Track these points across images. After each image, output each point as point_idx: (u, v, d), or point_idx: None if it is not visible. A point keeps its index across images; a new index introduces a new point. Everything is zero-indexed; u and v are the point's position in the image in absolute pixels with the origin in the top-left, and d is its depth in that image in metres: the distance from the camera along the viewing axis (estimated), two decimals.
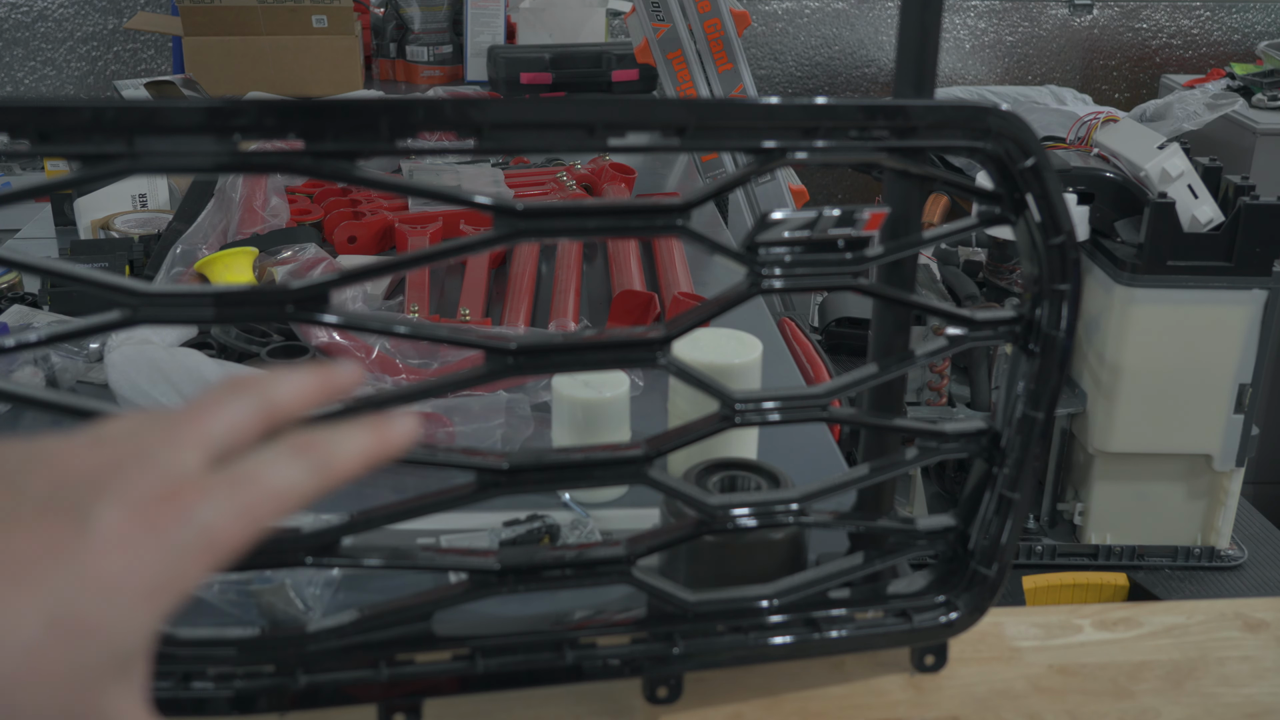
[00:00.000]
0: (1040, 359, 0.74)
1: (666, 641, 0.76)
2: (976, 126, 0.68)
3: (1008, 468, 0.77)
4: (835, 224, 0.68)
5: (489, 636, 0.74)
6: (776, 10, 3.60)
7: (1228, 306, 1.86)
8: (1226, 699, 0.79)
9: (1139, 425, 1.92)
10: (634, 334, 0.69)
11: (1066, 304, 0.72)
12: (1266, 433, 2.23)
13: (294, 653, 0.70)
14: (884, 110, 0.66)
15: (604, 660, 0.75)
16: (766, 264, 0.68)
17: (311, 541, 0.67)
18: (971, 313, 0.75)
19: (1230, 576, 2.02)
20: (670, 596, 0.75)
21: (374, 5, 2.80)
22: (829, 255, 0.69)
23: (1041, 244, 0.71)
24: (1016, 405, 0.76)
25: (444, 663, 0.73)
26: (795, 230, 0.68)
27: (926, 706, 0.78)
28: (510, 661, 0.73)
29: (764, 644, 0.77)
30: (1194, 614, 0.87)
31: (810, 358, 1.69)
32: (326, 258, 1.42)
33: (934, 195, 2.71)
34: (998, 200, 0.72)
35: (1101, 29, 3.69)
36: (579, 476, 0.70)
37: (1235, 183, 1.87)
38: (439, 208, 1.70)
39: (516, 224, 0.64)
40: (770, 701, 0.78)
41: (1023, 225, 0.71)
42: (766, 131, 0.66)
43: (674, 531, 0.75)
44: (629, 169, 1.87)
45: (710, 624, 0.76)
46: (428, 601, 0.72)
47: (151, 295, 0.59)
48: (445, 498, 0.68)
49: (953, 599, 0.80)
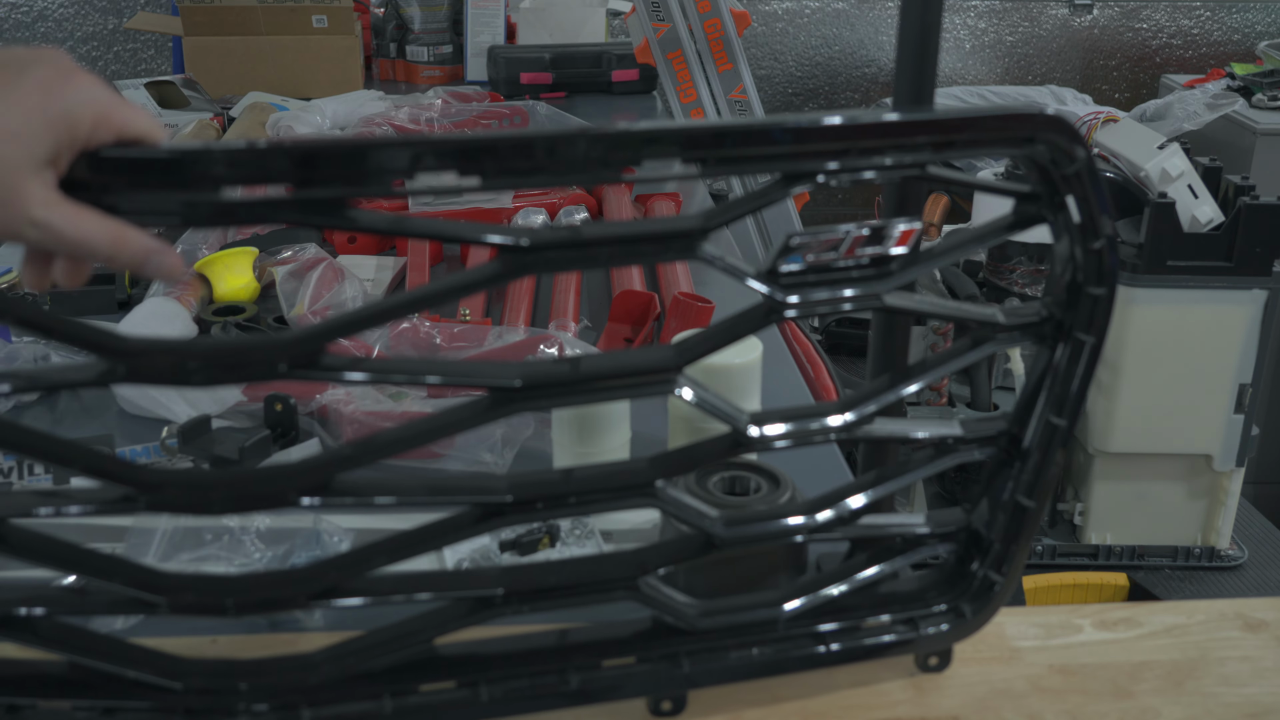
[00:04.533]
0: (1067, 363, 0.72)
1: (672, 660, 0.75)
2: (1021, 132, 0.65)
3: (1026, 473, 0.75)
4: (864, 243, 0.66)
5: (490, 659, 0.73)
6: (776, 10, 3.60)
7: (1228, 306, 1.86)
8: (1226, 699, 0.79)
9: (1139, 425, 1.92)
10: (644, 360, 0.68)
11: (1099, 309, 0.70)
12: (1266, 433, 2.22)
13: (295, 683, 0.70)
14: (926, 125, 0.64)
15: (610, 682, 0.74)
16: (788, 289, 0.66)
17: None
18: (998, 315, 0.73)
19: (1230, 576, 2.02)
20: (678, 612, 0.74)
21: (374, 5, 2.80)
22: (854, 274, 0.67)
23: (1080, 247, 0.69)
24: (1038, 410, 0.74)
25: (448, 692, 0.72)
26: (820, 254, 0.65)
27: (926, 706, 0.78)
28: (514, 689, 0.72)
29: (771, 659, 0.76)
30: (1194, 614, 0.87)
31: (810, 358, 1.69)
32: (327, 258, 1.42)
33: (934, 195, 2.71)
34: (1036, 201, 0.69)
35: (1102, 29, 3.69)
36: (585, 503, 0.69)
37: (1235, 183, 1.87)
38: (439, 208, 1.69)
39: (523, 259, 0.62)
40: (770, 702, 0.78)
41: (1060, 227, 0.69)
42: (797, 158, 0.63)
43: (681, 548, 0.74)
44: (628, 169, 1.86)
45: (716, 639, 0.75)
46: (429, 626, 0.71)
47: (138, 350, 0.59)
48: (448, 527, 0.68)
49: (959, 605, 0.79)
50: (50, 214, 0.58)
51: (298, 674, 0.70)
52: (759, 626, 0.76)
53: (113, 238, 0.60)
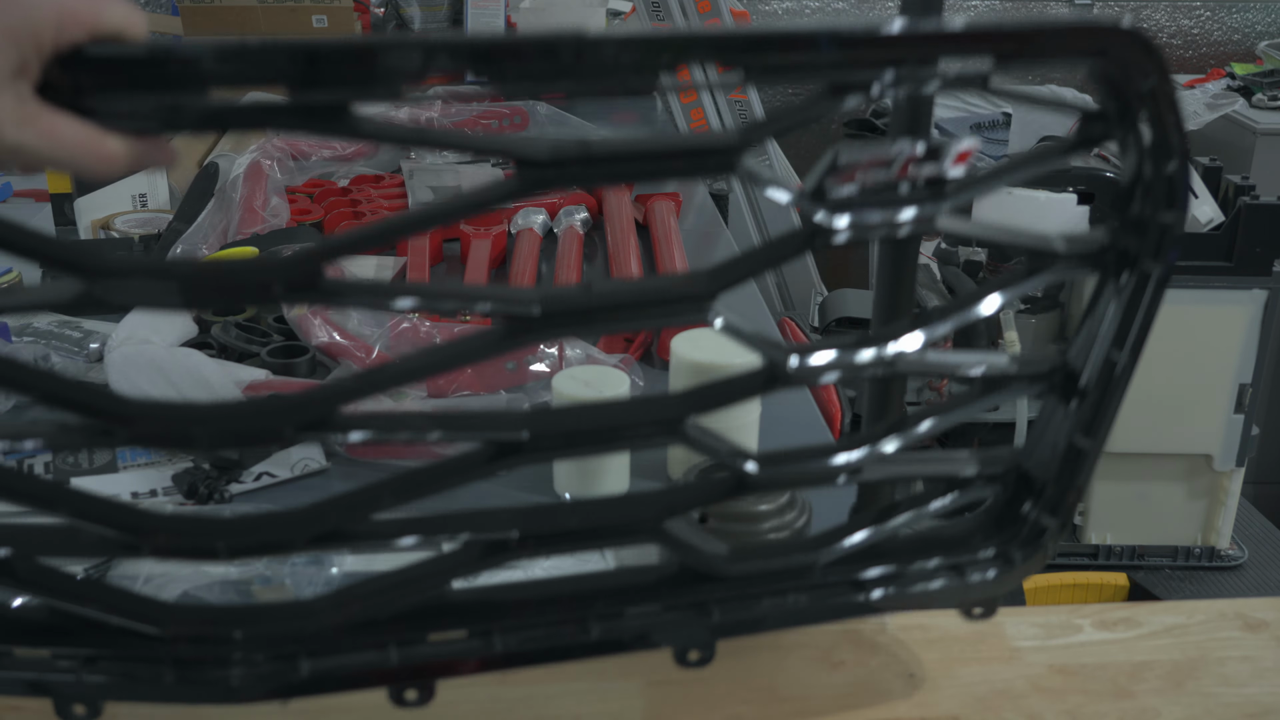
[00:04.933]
0: (1131, 294, 0.67)
1: (700, 609, 0.70)
2: (1093, 45, 0.61)
3: (1084, 411, 0.70)
4: (918, 162, 0.60)
5: (505, 607, 0.68)
6: (777, 10, 3.59)
7: (1228, 306, 1.86)
8: (1227, 699, 0.79)
9: (1139, 425, 1.92)
10: (674, 288, 0.62)
11: (1168, 238, 0.65)
12: (1266, 433, 2.23)
13: (294, 631, 0.65)
14: (992, 35, 0.60)
15: (633, 631, 0.69)
16: (835, 211, 0.61)
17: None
18: (1058, 243, 0.67)
19: (1230, 576, 2.02)
20: (707, 557, 0.69)
21: (374, 5, 2.80)
22: (903, 195, 0.61)
23: (1150, 170, 0.64)
24: (1097, 343, 0.69)
25: (459, 642, 0.67)
26: (870, 171, 0.60)
27: (926, 706, 0.78)
28: (530, 638, 0.68)
29: (806, 607, 0.72)
30: (1194, 614, 0.87)
31: None
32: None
33: None
34: (1103, 120, 0.64)
35: None
36: (607, 440, 0.64)
37: (1235, 183, 1.87)
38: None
39: (543, 174, 0.56)
40: (770, 701, 0.78)
41: (1129, 147, 0.64)
42: (848, 66, 0.58)
43: (712, 489, 0.70)
44: None
45: (748, 585, 0.71)
46: (439, 571, 0.66)
47: (111, 269, 0.54)
48: (459, 465, 0.63)
49: (1008, 550, 0.74)
50: (23, 135, 0.55)
51: (296, 621, 0.65)
52: (794, 573, 0.71)
53: (92, 151, 0.56)
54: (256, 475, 1.06)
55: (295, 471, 1.07)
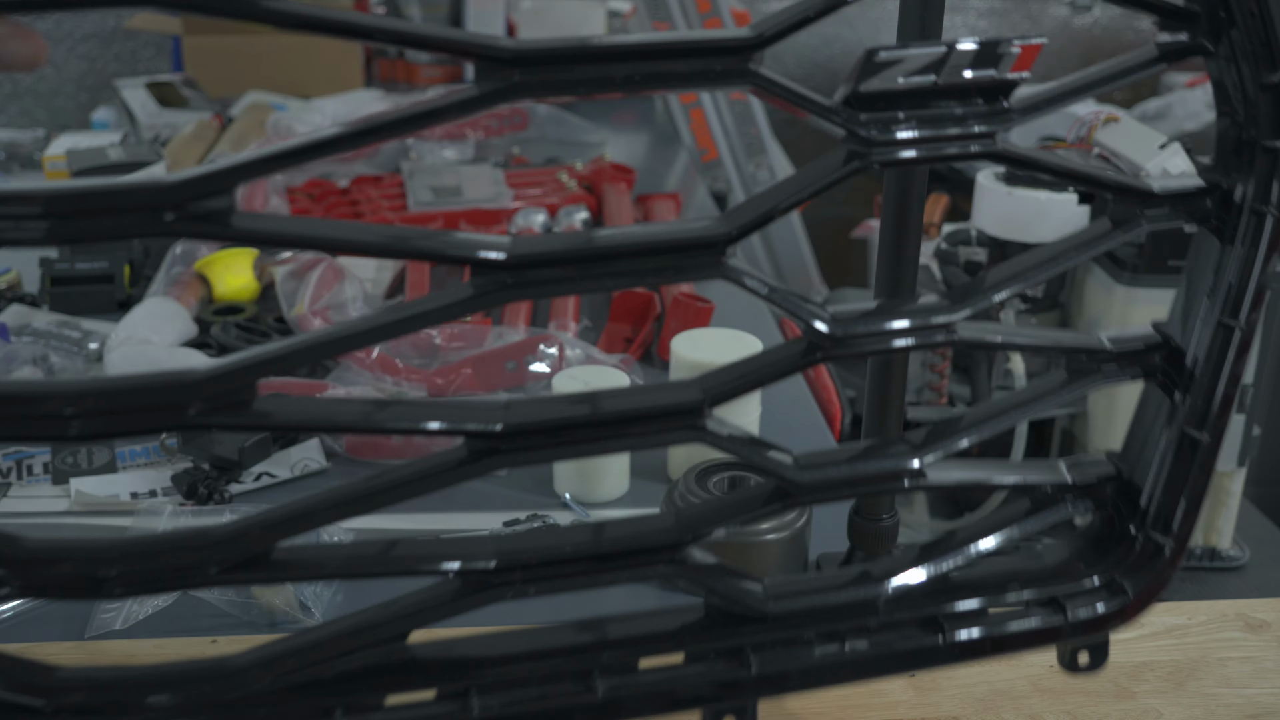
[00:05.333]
0: (1242, 246, 0.57)
1: (735, 658, 0.56)
2: None
3: (1194, 396, 0.59)
4: (970, 64, 0.50)
5: (485, 661, 0.54)
6: (777, 10, 3.60)
7: None
8: (1227, 700, 0.79)
9: None
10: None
11: None
12: (1267, 433, 2.22)
13: (213, 698, 0.51)
14: None
15: (650, 689, 0.56)
16: (875, 125, 0.50)
17: (229, 548, 0.48)
18: (1149, 185, 0.57)
19: (1231, 577, 2.01)
20: (741, 593, 0.56)
21: (374, 5, 2.80)
22: (959, 109, 0.51)
23: (1251, 84, 0.53)
24: (1202, 312, 0.58)
25: (425, 705, 0.54)
26: (916, 75, 0.50)
27: (926, 706, 0.78)
28: (519, 699, 0.54)
29: (868, 655, 0.58)
30: (1195, 614, 0.87)
31: None
32: (327, 258, 1.41)
33: (934, 195, 2.71)
34: (1191, 23, 0.53)
35: (1102, 29, 3.69)
36: (612, 437, 0.52)
37: None
38: (440, 208, 1.69)
39: (509, 77, 0.46)
40: (770, 701, 0.77)
41: (1224, 59, 0.54)
42: None
43: (744, 503, 0.56)
44: (628, 169, 1.86)
45: (794, 627, 0.58)
46: (397, 616, 0.52)
47: None
48: (423, 471, 0.51)
49: (1116, 578, 0.61)
50: None
51: (216, 685, 0.51)
52: (851, 609, 0.58)
53: None
54: (256, 475, 1.06)
55: (295, 472, 1.07)
